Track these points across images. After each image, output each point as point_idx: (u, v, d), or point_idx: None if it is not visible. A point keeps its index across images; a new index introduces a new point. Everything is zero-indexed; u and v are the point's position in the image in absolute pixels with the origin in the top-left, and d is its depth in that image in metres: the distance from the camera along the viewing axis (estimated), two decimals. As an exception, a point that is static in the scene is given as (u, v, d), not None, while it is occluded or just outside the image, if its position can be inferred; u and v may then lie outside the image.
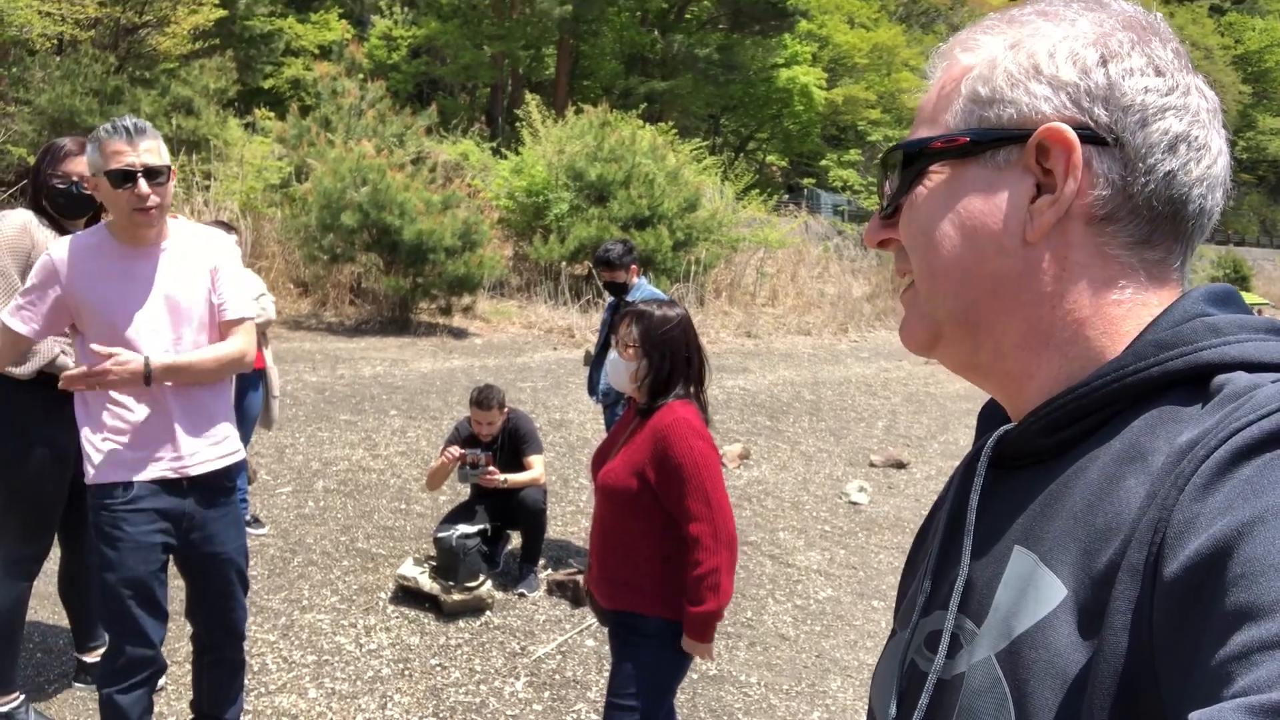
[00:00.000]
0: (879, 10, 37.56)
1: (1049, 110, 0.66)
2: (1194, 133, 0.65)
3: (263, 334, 4.96)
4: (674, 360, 2.47)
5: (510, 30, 27.18)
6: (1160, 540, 0.53)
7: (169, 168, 2.49)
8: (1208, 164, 0.66)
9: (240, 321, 2.67)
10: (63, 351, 2.93)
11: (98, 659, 3.38)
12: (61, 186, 2.92)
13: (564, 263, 15.73)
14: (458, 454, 4.43)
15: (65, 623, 3.70)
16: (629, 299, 5.00)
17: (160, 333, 2.51)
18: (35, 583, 3.15)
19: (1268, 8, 50.93)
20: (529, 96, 19.90)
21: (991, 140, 0.68)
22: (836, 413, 9.82)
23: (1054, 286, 0.67)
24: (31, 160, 12.74)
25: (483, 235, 12.65)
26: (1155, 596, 0.52)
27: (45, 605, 3.94)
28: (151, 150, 2.43)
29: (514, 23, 27.51)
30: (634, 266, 5.07)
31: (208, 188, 13.70)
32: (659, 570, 2.40)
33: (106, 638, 3.43)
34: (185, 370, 2.52)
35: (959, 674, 0.65)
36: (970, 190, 0.68)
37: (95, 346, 2.41)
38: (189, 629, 2.87)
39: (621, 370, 2.53)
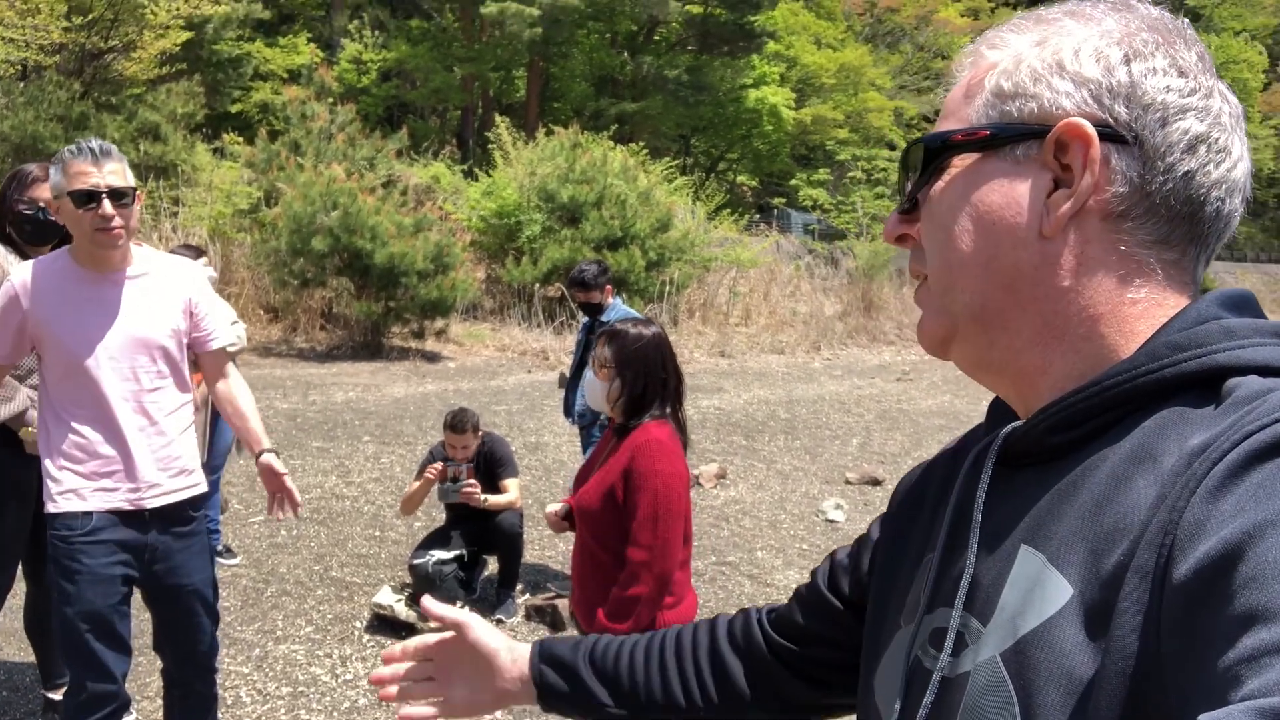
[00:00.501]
0: (845, 31, 37.95)
1: (1070, 106, 0.66)
2: (1214, 135, 0.66)
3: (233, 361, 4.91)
4: (648, 379, 2.47)
5: (480, 53, 27.24)
6: (1170, 542, 0.53)
7: (134, 190, 2.46)
8: (1227, 168, 0.66)
9: (224, 350, 2.72)
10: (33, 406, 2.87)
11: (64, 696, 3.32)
12: (28, 212, 2.88)
13: (537, 284, 15.71)
14: (439, 468, 4.38)
15: (32, 659, 3.62)
16: (604, 319, 5.00)
17: (118, 361, 2.48)
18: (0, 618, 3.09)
19: (1223, 25, 52.12)
20: (499, 119, 19.93)
21: (1011, 134, 0.68)
22: (811, 431, 9.85)
23: (1070, 281, 0.66)
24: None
25: (455, 258, 12.62)
26: (1164, 598, 0.52)
27: (11, 641, 3.85)
28: (116, 172, 2.40)
29: (484, 45, 27.58)
30: (608, 287, 5.07)
31: (176, 213, 13.58)
32: (639, 594, 2.39)
33: (64, 678, 3.37)
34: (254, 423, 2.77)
35: (964, 673, 0.65)
36: (989, 184, 0.69)
37: None
38: (160, 663, 2.82)
39: (598, 390, 2.53)
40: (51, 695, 3.34)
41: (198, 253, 4.52)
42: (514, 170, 17.52)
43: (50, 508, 2.43)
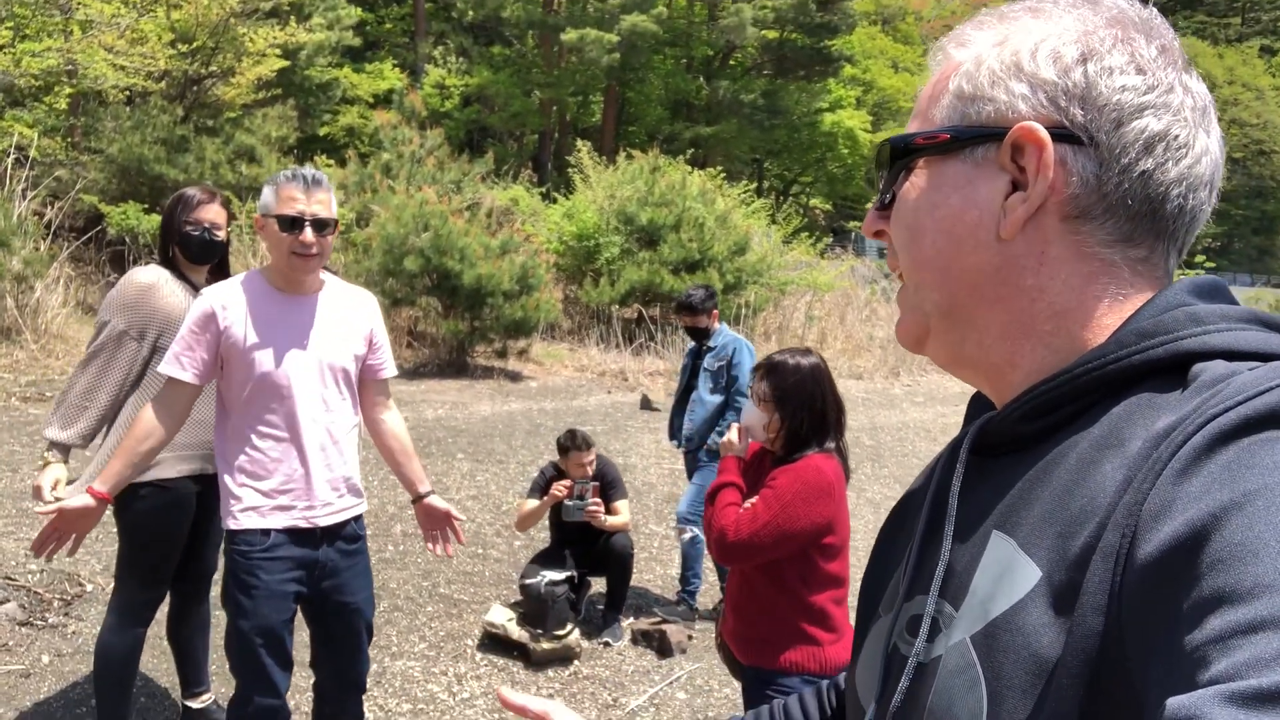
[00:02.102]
0: (922, 55, 37.74)
1: (1025, 109, 0.67)
2: (1174, 132, 0.66)
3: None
4: (808, 412, 2.43)
5: (559, 78, 27.66)
6: (1135, 523, 0.53)
7: (335, 222, 2.56)
8: (1188, 164, 0.66)
9: (388, 381, 2.84)
10: None
11: (203, 705, 3.40)
12: (195, 233, 3.00)
13: (615, 306, 15.80)
14: (568, 486, 4.41)
15: (168, 665, 3.73)
16: (710, 344, 5.00)
17: (308, 381, 2.54)
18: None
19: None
20: (580, 143, 20.17)
21: (969, 137, 0.69)
22: (898, 459, 9.69)
23: (1033, 280, 0.67)
24: (103, 207, 13.15)
25: (539, 279, 12.75)
26: (1128, 578, 0.53)
27: (149, 648, 3.96)
28: (323, 202, 2.50)
29: (562, 71, 28.00)
30: (715, 312, 5.07)
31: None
32: (798, 627, 2.36)
33: (210, 684, 3.46)
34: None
35: (937, 657, 0.66)
36: (950, 186, 0.70)
37: None
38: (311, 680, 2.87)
39: (755, 418, 2.49)
40: (190, 704, 3.43)
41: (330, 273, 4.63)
42: (593, 193, 17.70)
43: (230, 524, 2.50)
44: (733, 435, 2.60)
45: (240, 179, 14.72)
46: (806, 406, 2.43)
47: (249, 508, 2.49)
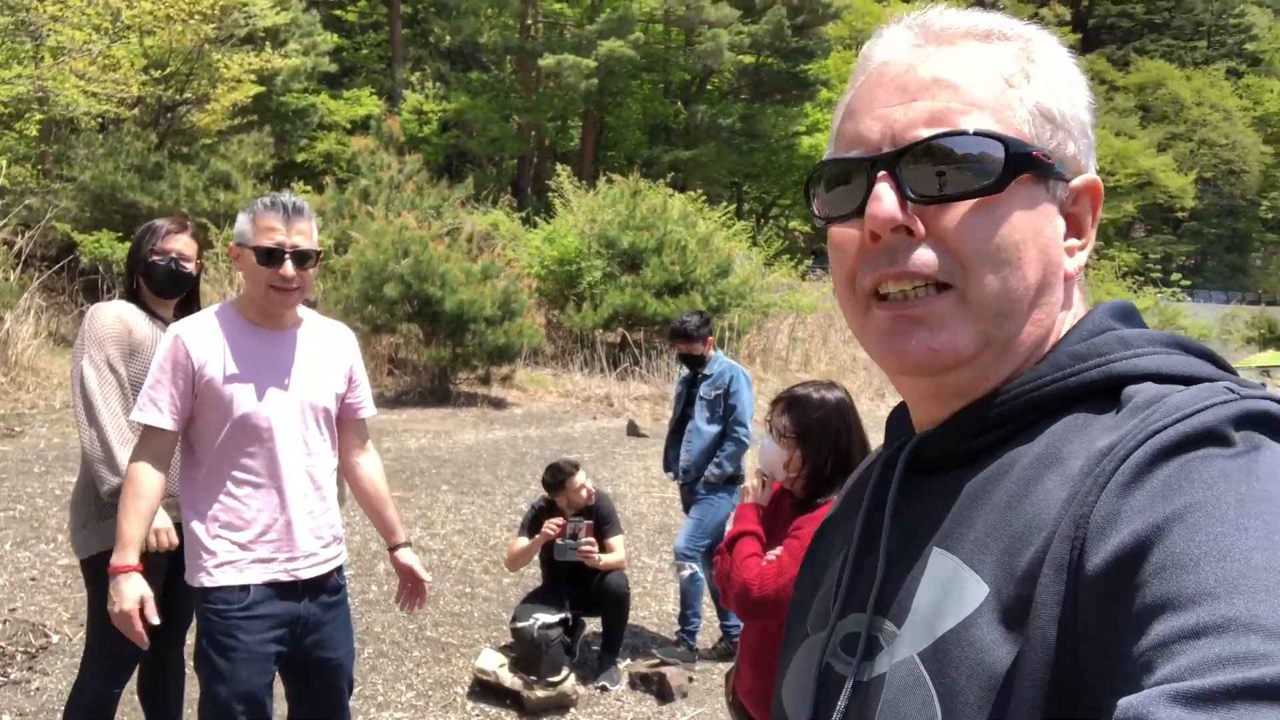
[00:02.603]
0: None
1: (1085, 162, 0.71)
2: None
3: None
4: (833, 451, 2.26)
5: (537, 103, 27.59)
6: (1083, 535, 0.55)
7: (318, 253, 2.38)
8: None
9: (365, 421, 2.68)
10: None
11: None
12: (161, 263, 2.83)
13: (598, 330, 15.64)
14: (560, 525, 4.21)
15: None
16: (705, 372, 4.84)
17: (290, 421, 2.36)
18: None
19: (1283, 70, 51.28)
20: (559, 167, 20.10)
21: (1058, 174, 0.68)
22: (891, 483, 9.55)
23: (1062, 315, 0.70)
24: (75, 236, 12.87)
25: (522, 304, 12.58)
26: (1079, 589, 0.54)
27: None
28: (304, 232, 2.32)
29: (540, 96, 27.95)
30: (710, 339, 4.91)
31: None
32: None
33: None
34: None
35: (879, 675, 0.65)
36: (1043, 214, 0.67)
37: None
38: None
39: (774, 456, 2.32)
40: (163, 765, 3.20)
41: (310, 305, 4.44)
42: (574, 218, 17.58)
43: (204, 581, 2.29)
44: (753, 481, 2.43)
45: (216, 206, 14.46)
46: (831, 444, 2.26)
47: (225, 562, 2.29)
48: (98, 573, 2.69)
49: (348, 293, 11.91)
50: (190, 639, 2.87)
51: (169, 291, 2.87)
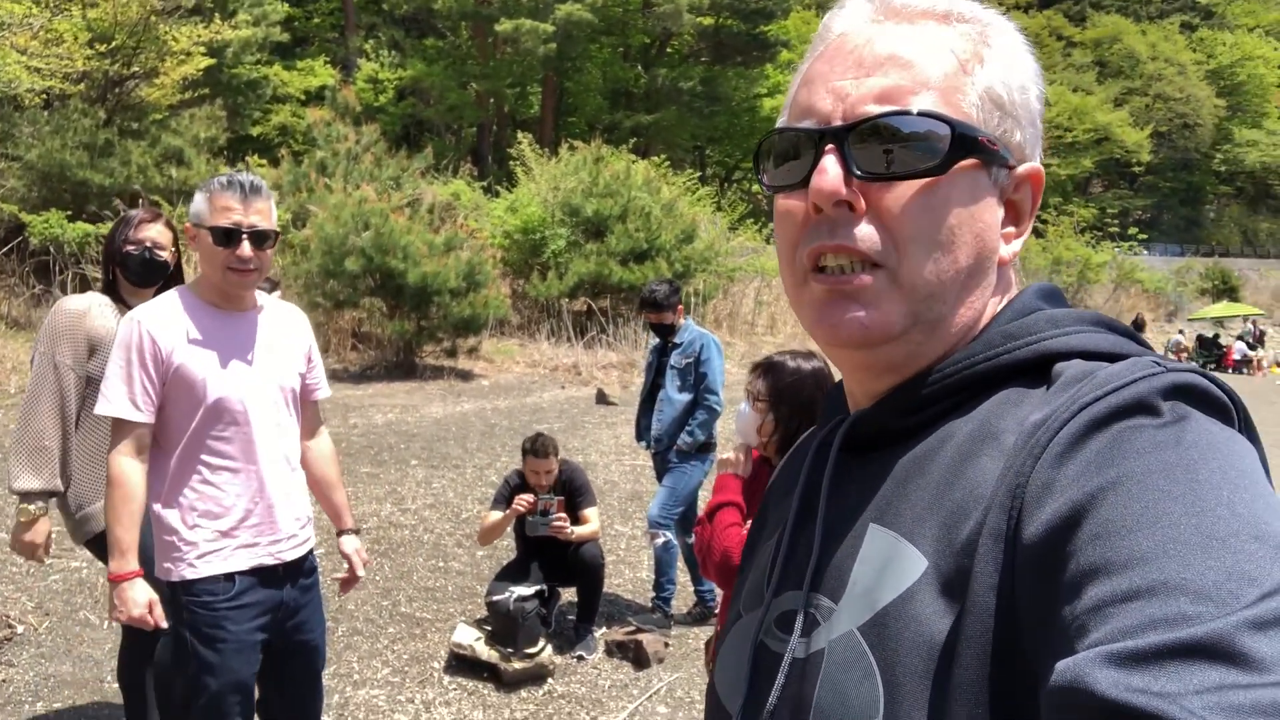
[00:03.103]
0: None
1: (1029, 152, 0.71)
2: None
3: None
4: (805, 418, 2.27)
5: (495, 70, 27.24)
6: (1019, 505, 0.56)
7: (276, 233, 2.31)
8: None
9: (319, 403, 2.65)
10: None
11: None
12: (135, 253, 2.79)
13: (564, 299, 15.57)
14: (530, 501, 4.20)
15: (109, 712, 3.46)
16: (676, 340, 4.83)
17: (262, 403, 2.31)
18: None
19: (1236, 22, 51.75)
20: (521, 135, 19.86)
21: (1004, 161, 0.68)
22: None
23: (995, 300, 0.71)
24: (24, 216, 12.54)
25: (486, 275, 12.47)
26: (1016, 558, 0.55)
27: (89, 692, 3.67)
28: (262, 212, 2.25)
29: (498, 62, 27.58)
30: (680, 307, 4.89)
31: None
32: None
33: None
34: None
35: (818, 650, 0.65)
36: (984, 199, 0.68)
37: None
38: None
39: (748, 422, 2.35)
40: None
41: (273, 285, 4.37)
42: (537, 186, 17.42)
43: (186, 573, 2.22)
44: (735, 454, 2.43)
45: (169, 182, 14.16)
46: (804, 411, 2.27)
47: (208, 552, 2.23)
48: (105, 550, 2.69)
49: (308, 268, 11.74)
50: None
51: (145, 281, 2.83)
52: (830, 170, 0.66)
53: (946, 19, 0.70)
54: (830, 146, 0.67)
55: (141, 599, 2.19)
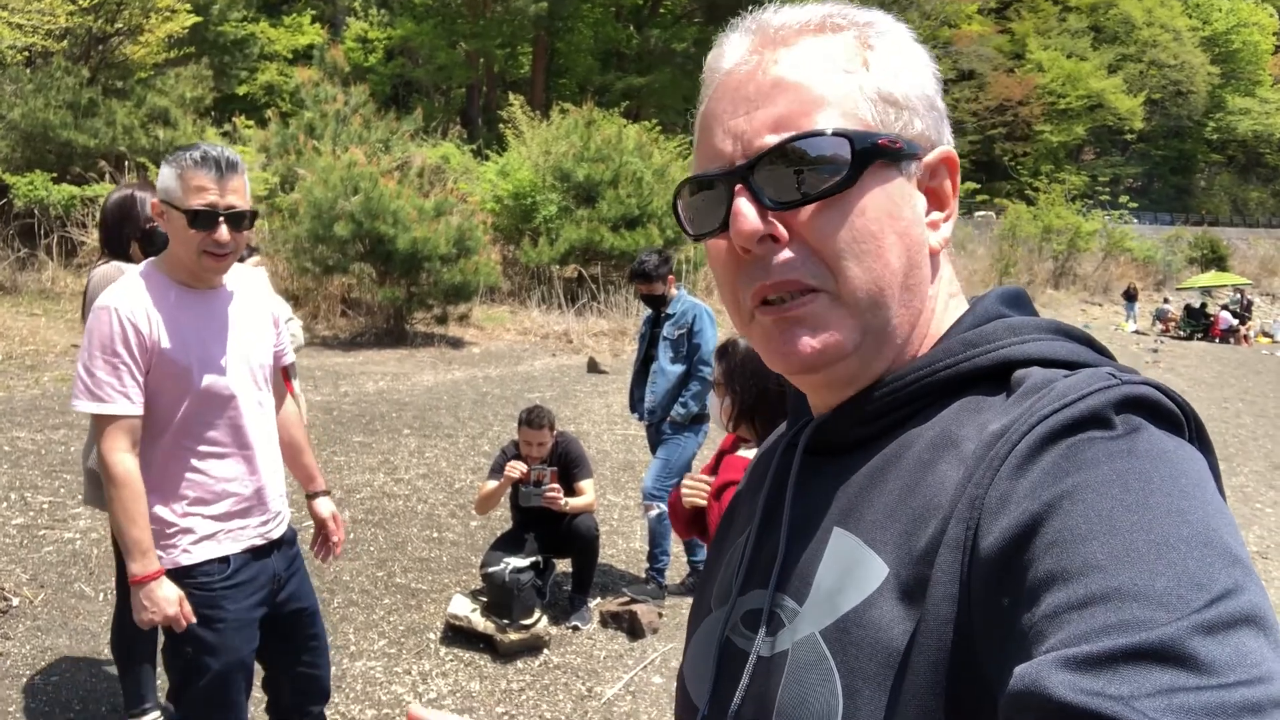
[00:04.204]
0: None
1: (934, 135, 0.72)
2: None
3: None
4: (760, 390, 2.30)
5: (485, 29, 26.86)
6: (978, 516, 0.57)
7: (254, 212, 2.23)
8: None
9: (288, 366, 2.67)
10: None
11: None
12: (162, 229, 2.73)
13: (555, 266, 15.48)
14: (523, 470, 4.20)
15: (108, 685, 3.48)
16: (669, 311, 4.81)
17: (244, 382, 2.28)
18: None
19: (1232, -12, 51.35)
20: (512, 97, 19.63)
21: (911, 153, 0.69)
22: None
23: (933, 291, 0.72)
24: (7, 178, 12.36)
25: (477, 241, 12.39)
26: (974, 567, 0.57)
27: (85, 667, 3.68)
28: (238, 190, 2.13)
29: (488, 21, 27.19)
30: (670, 277, 4.87)
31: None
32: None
33: (156, 700, 3.21)
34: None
35: (782, 651, 0.66)
36: (899, 196, 0.69)
37: None
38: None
39: (715, 406, 2.39)
40: (135, 722, 3.18)
41: (251, 250, 4.30)
42: (528, 149, 17.24)
43: (181, 559, 2.20)
44: (687, 493, 2.54)
45: (156, 144, 13.95)
46: (756, 384, 2.31)
47: (203, 538, 2.22)
48: None
49: (296, 232, 11.63)
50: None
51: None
52: (745, 211, 0.67)
53: (822, 30, 0.70)
54: (739, 187, 0.68)
55: (173, 596, 2.13)
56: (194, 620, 2.17)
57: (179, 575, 2.20)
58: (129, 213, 2.85)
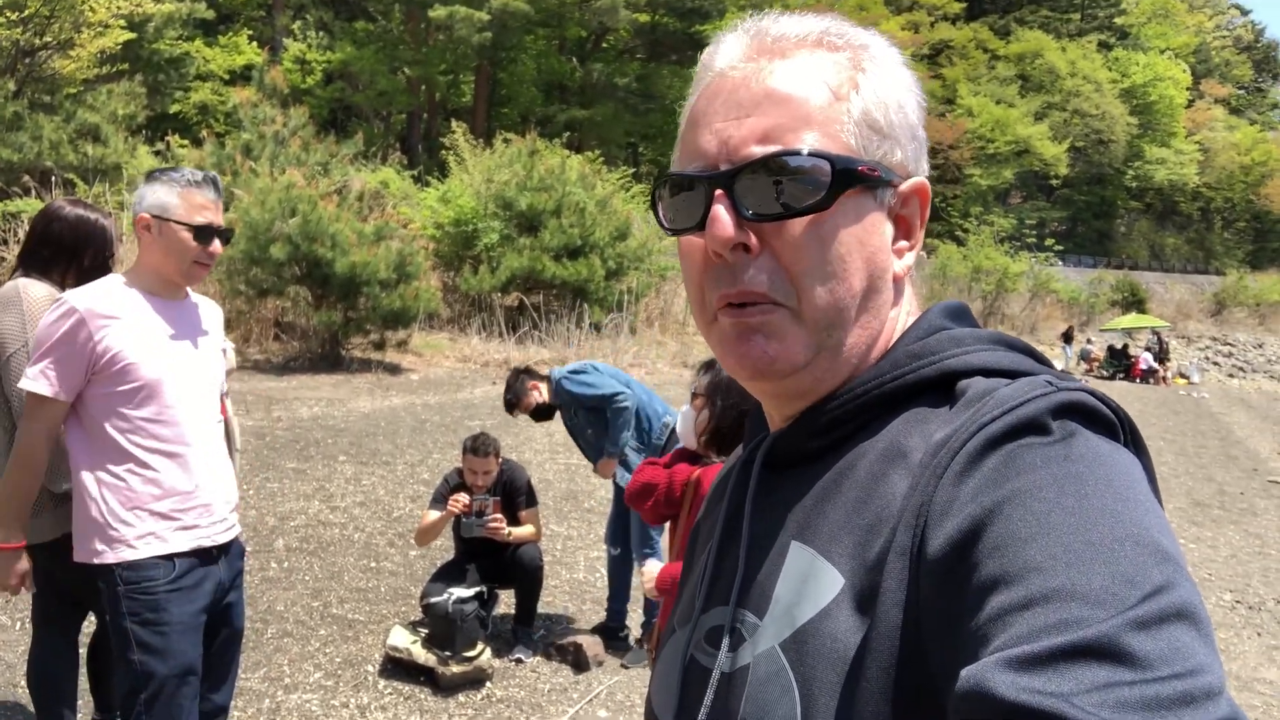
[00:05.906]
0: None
1: (913, 168, 0.73)
2: None
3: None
4: (737, 415, 2.30)
5: (428, 56, 26.80)
6: (923, 523, 0.59)
7: (232, 230, 2.46)
8: None
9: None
10: None
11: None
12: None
13: (496, 294, 15.38)
14: (466, 501, 4.10)
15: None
16: (560, 406, 4.57)
17: (196, 387, 2.36)
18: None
19: (1149, 44, 53.83)
20: (455, 124, 19.55)
21: (887, 181, 0.70)
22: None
23: (894, 313, 0.74)
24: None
25: (417, 267, 12.25)
26: (921, 572, 0.58)
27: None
28: (221, 209, 2.37)
29: (431, 49, 27.14)
30: (532, 382, 4.59)
31: (121, 219, 12.95)
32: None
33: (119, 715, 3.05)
34: None
35: (743, 666, 0.67)
36: (870, 222, 0.70)
37: None
38: None
39: (689, 424, 2.39)
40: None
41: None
42: (470, 177, 17.16)
43: (126, 555, 2.18)
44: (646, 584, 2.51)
45: (84, 160, 13.57)
46: (737, 406, 2.30)
47: (147, 533, 2.21)
48: (52, 557, 2.54)
49: (231, 253, 11.34)
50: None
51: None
52: (722, 218, 0.68)
53: (818, 46, 0.71)
54: (719, 193, 0.68)
55: (19, 570, 2.29)
56: (34, 590, 2.31)
57: (123, 573, 2.19)
58: (91, 234, 2.81)
